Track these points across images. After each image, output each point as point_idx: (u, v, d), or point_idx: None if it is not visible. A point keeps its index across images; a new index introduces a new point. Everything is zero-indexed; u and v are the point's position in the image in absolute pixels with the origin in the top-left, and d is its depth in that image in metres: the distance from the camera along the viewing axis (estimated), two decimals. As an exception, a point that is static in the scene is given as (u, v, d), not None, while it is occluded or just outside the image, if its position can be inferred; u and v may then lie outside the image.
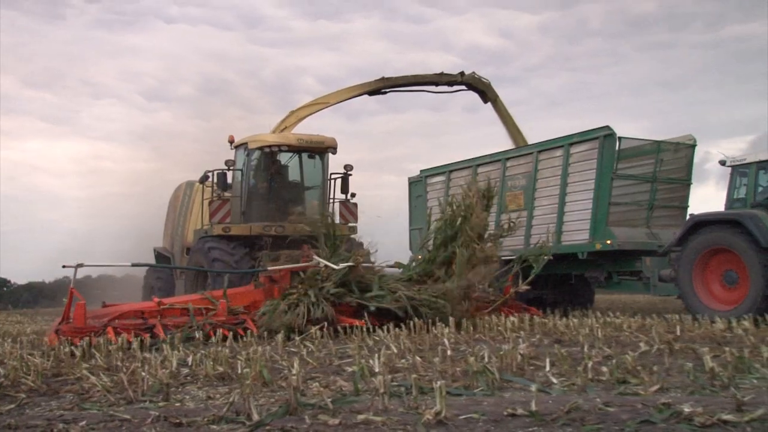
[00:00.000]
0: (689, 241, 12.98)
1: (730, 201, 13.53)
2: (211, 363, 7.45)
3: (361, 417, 4.66)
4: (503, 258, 14.84)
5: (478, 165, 17.88)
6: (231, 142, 16.62)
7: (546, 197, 15.88)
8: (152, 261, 19.53)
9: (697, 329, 9.49)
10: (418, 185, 19.86)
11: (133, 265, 15.35)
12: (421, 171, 19.92)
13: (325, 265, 12.14)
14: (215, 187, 16.28)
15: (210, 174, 16.06)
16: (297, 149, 16.38)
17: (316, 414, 4.86)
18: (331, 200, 17.11)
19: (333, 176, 16.99)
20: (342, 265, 12.40)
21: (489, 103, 20.46)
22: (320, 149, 16.41)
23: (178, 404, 5.65)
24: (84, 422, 4.91)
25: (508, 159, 17.10)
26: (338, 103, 18.78)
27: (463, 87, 19.90)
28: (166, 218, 20.31)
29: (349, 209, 16.77)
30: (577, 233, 15.08)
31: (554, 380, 5.90)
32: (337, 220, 15.60)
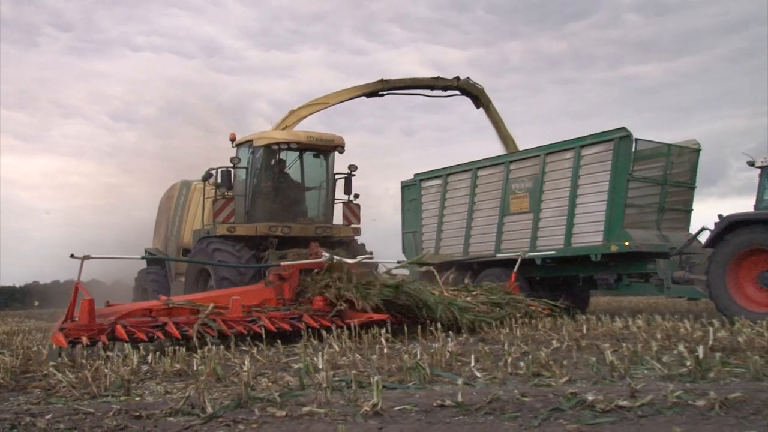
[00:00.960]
0: (723, 241, 11.78)
1: (760, 201, 12.48)
2: (169, 361, 7.35)
3: (305, 409, 4.66)
4: (505, 258, 14.45)
5: (479, 168, 16.12)
6: (232, 139, 14.46)
7: (554, 199, 14.32)
8: (142, 262, 16.85)
9: (600, 327, 9.61)
10: (411, 189, 17.93)
11: (143, 258, 14.63)
12: (414, 175, 18.03)
13: (338, 260, 11.40)
14: (218, 186, 14.05)
15: (213, 172, 13.87)
16: (306, 147, 14.32)
17: (265, 407, 4.84)
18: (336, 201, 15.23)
19: (337, 176, 15.03)
20: (358, 258, 11.94)
21: (480, 108, 19.09)
22: (329, 148, 14.39)
23: (138, 398, 5.57)
24: (50, 416, 4.85)
25: (511, 162, 15.41)
26: (338, 103, 16.91)
27: (457, 92, 18.26)
28: (158, 219, 17.87)
29: (352, 210, 14.88)
30: (590, 235, 13.58)
31: (478, 374, 5.92)
32: (341, 221, 14.64)
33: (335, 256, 11.54)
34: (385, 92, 17.46)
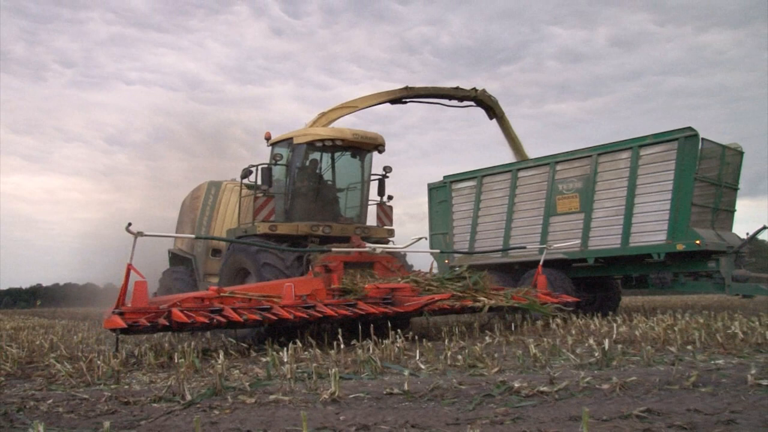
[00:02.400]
0: None
1: None
2: (154, 354, 7.31)
3: (272, 397, 4.63)
4: (554, 259, 12.94)
5: (519, 169, 14.41)
6: (267, 138, 12.24)
7: (609, 199, 12.72)
8: (164, 263, 14.73)
9: (526, 325, 9.71)
10: (440, 191, 16.18)
11: (197, 237, 12.67)
12: (444, 177, 16.14)
13: (383, 251, 10.20)
14: (254, 186, 11.91)
15: (253, 169, 11.66)
16: (350, 145, 11.95)
17: (237, 395, 4.80)
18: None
19: (372, 177, 12.81)
20: (409, 241, 10.74)
21: (494, 120, 17.29)
22: (373, 146, 12.23)
23: (126, 387, 5.49)
24: (51, 401, 4.82)
25: (557, 163, 13.66)
26: (366, 108, 14.93)
27: (472, 103, 16.41)
28: (181, 220, 15.31)
29: (386, 212, 12.74)
30: (652, 234, 12.04)
31: (422, 366, 5.91)
32: (374, 222, 12.57)
33: (378, 247, 10.30)
34: (408, 99, 15.74)
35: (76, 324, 16.41)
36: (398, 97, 15.35)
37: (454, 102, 16.21)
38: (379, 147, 12.25)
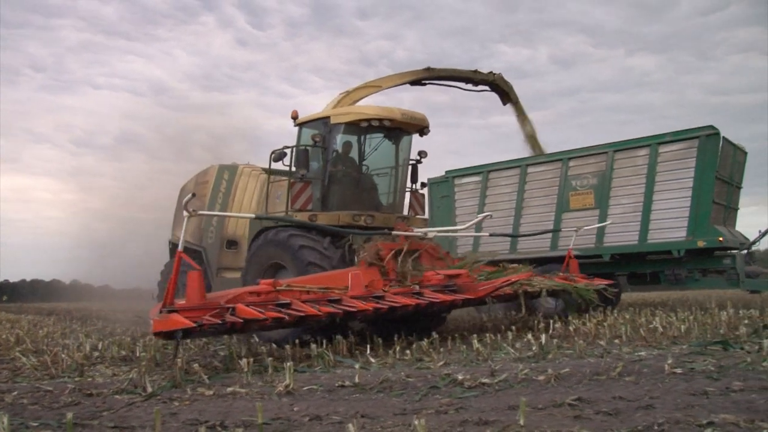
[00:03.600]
0: None
1: None
2: (116, 348, 7.19)
3: (230, 389, 4.60)
4: (564, 256, 11.34)
5: (528, 165, 13.42)
6: (294, 117, 10.11)
7: (626, 196, 11.96)
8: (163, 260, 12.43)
9: (470, 321, 9.79)
10: (441, 186, 14.84)
11: (257, 217, 9.28)
12: (446, 172, 14.91)
13: (428, 236, 9.03)
14: (288, 172, 9.70)
15: (288, 151, 9.59)
16: (398, 126, 9.93)
17: (196, 387, 4.76)
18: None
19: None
20: (470, 223, 9.87)
21: (508, 105, 15.47)
22: (420, 128, 10.33)
23: (90, 379, 5.40)
24: (16, 392, 4.72)
25: (570, 159, 12.79)
26: (388, 87, 13.02)
27: (487, 87, 14.72)
28: (181, 209, 12.47)
29: (418, 200, 10.89)
30: (672, 231, 11.38)
31: (373, 360, 5.95)
32: (407, 210, 10.73)
33: (429, 230, 9.26)
34: (427, 81, 14.13)
35: (42, 319, 16.01)
36: (419, 78, 13.92)
37: (470, 86, 14.68)
38: (425, 129, 10.44)
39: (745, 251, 11.60)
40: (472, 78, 14.21)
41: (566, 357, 5.69)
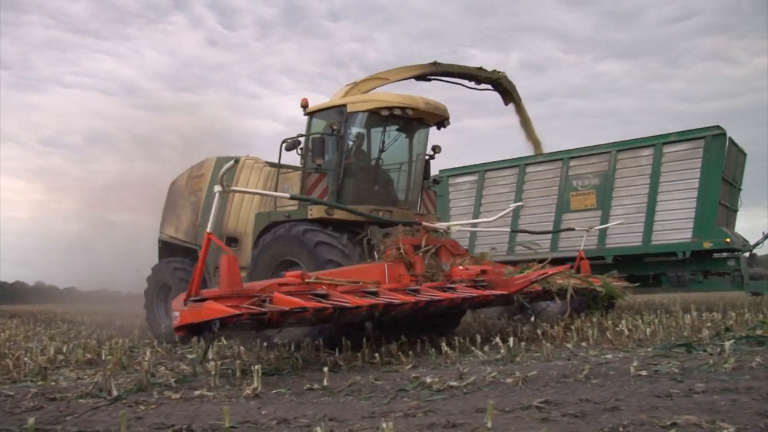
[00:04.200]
0: None
1: None
2: (81, 351, 7.06)
3: (197, 393, 4.55)
4: (565, 257, 11.42)
5: (527, 164, 13.03)
6: (305, 106, 9.25)
7: (629, 196, 11.69)
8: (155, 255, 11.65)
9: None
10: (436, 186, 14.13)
11: (292, 197, 8.05)
12: (440, 171, 14.13)
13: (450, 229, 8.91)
14: (304, 158, 8.98)
15: (302, 139, 8.94)
16: (421, 116, 9.26)
17: (163, 390, 4.70)
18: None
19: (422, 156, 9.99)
20: (500, 213, 9.61)
21: (510, 105, 14.61)
22: (441, 119, 9.68)
23: (53, 383, 5.30)
24: (-26, 398, 4.56)
25: (571, 158, 12.49)
26: (396, 81, 12.10)
27: (489, 87, 13.90)
28: (172, 204, 11.70)
29: (430, 197, 10.16)
30: (676, 232, 11.14)
31: (341, 363, 5.93)
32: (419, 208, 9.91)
33: (450, 224, 9.07)
34: (433, 77, 13.32)
35: (4, 322, 15.66)
36: (426, 73, 13.14)
37: (473, 84, 13.90)
38: (446, 121, 9.81)
39: (748, 253, 11.51)
40: (477, 75, 13.62)
41: (534, 360, 5.74)
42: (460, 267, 7.78)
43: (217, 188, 5.41)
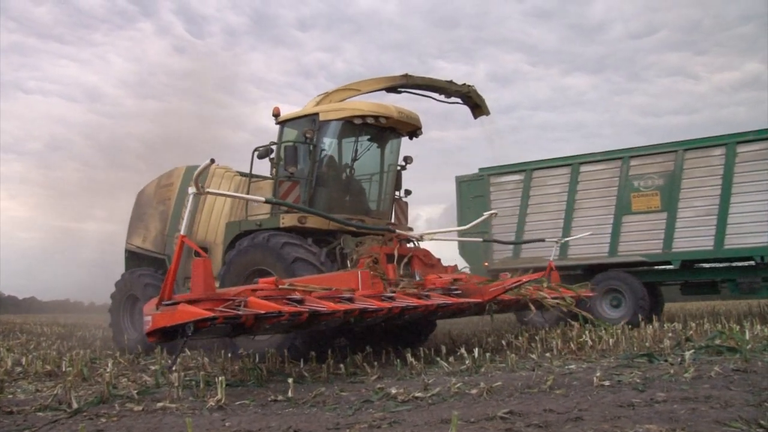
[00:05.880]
0: None
1: None
2: (41, 362, 6.88)
3: (159, 404, 4.48)
4: (629, 262, 11.44)
5: (581, 163, 12.28)
6: (276, 114, 9.11)
7: (699, 198, 11.00)
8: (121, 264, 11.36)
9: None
10: (474, 185, 13.57)
11: (267, 201, 7.39)
12: (480, 169, 13.63)
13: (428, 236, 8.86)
14: (276, 166, 8.82)
15: (273, 147, 8.80)
16: (394, 125, 9.29)
17: (124, 402, 4.61)
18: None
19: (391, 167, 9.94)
20: (473, 222, 9.40)
21: (479, 119, 13.83)
22: (414, 128, 9.74)
23: (11, 396, 5.16)
24: (-76, 413, 4.40)
25: (632, 157, 11.76)
26: (367, 92, 11.49)
27: (459, 100, 13.24)
28: (140, 214, 11.32)
29: (402, 208, 10.02)
30: (752, 236, 10.47)
31: (306, 374, 5.88)
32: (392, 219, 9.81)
33: (432, 232, 9.04)
34: (404, 89, 12.55)
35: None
36: (396, 85, 12.49)
37: (443, 97, 13.27)
38: (418, 131, 9.91)
39: None
40: (447, 89, 13.08)
41: (499, 371, 5.77)
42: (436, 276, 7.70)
43: (191, 190, 5.29)
